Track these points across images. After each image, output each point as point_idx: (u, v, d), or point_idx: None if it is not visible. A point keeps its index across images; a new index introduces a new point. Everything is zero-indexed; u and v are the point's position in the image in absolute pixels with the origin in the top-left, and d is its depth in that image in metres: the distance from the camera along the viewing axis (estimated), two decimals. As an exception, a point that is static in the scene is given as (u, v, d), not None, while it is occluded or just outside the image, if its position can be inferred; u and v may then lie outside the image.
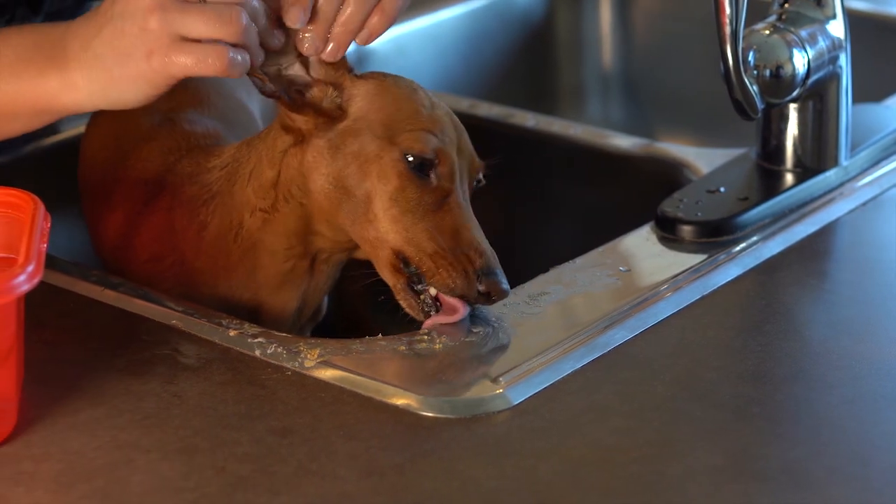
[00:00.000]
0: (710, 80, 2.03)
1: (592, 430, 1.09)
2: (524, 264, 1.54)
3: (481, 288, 1.17)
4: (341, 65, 1.22)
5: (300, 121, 1.22)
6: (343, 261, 1.30)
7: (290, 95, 1.21)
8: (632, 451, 1.07)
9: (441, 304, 1.20)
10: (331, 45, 1.21)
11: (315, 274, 1.30)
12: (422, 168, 1.19)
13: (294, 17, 1.18)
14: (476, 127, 1.66)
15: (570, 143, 1.63)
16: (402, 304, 1.21)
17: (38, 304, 1.16)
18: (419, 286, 1.20)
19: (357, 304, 1.61)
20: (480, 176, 1.25)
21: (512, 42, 2.07)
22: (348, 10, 1.19)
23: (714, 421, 1.10)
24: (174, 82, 1.17)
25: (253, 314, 1.29)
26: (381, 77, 1.24)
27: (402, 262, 1.20)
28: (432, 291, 1.19)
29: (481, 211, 1.31)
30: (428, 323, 1.20)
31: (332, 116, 1.21)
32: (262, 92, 1.21)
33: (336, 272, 1.32)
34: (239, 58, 1.15)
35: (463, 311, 1.19)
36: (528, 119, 1.66)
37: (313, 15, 1.19)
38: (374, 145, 1.20)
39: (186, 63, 1.15)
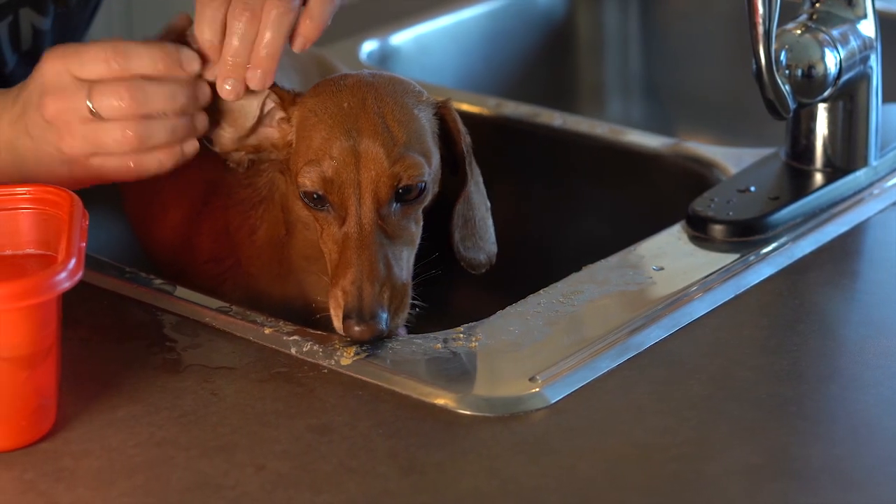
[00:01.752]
0: (730, 80, 2.05)
1: (630, 429, 1.09)
2: (553, 263, 1.54)
3: (349, 336, 1.17)
4: (283, 91, 1.24)
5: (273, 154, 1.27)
6: None
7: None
8: (670, 449, 1.07)
9: None
10: (257, 72, 1.21)
11: None
12: (316, 201, 1.19)
13: (187, 66, 1.21)
14: (502, 126, 1.67)
15: (597, 142, 1.63)
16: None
17: (72, 301, 1.16)
18: None
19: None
20: (406, 190, 1.19)
21: (533, 41, 2.07)
22: (267, 36, 1.19)
23: (751, 420, 1.10)
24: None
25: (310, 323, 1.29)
26: (313, 98, 1.22)
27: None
28: None
29: (509, 211, 1.31)
30: None
31: (283, 148, 1.24)
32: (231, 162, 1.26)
33: None
34: (152, 161, 1.21)
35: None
36: (556, 118, 1.66)
37: (223, 57, 1.20)
38: (290, 181, 1.24)
39: (107, 175, 1.23)
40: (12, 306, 1.03)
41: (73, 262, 1.05)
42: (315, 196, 1.19)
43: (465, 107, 1.67)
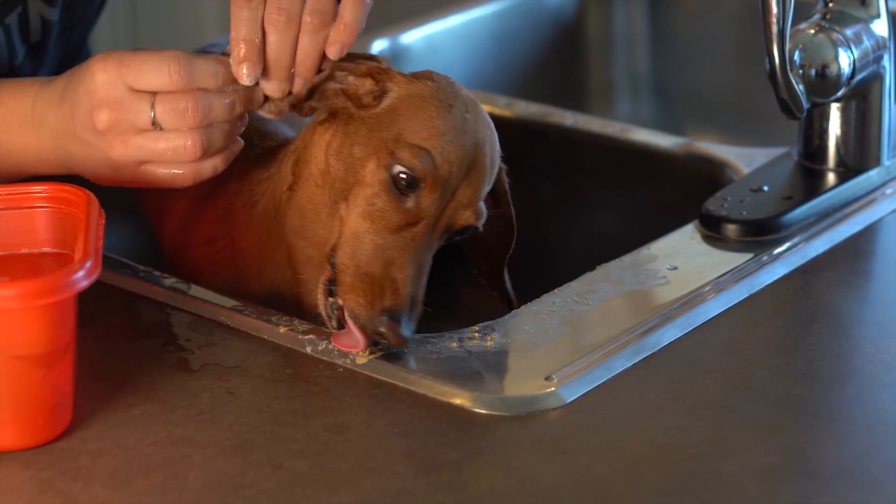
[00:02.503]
0: (738, 80, 2.05)
1: (646, 429, 1.09)
2: (564, 262, 1.54)
3: (380, 329, 1.15)
4: (385, 62, 1.22)
5: (339, 99, 1.22)
6: None
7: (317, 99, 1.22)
8: (687, 449, 1.07)
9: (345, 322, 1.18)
10: (297, 80, 1.21)
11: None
12: (407, 184, 1.17)
13: (245, 75, 1.19)
14: (513, 125, 1.68)
15: (609, 141, 1.63)
16: (315, 299, 1.19)
17: (86, 300, 1.16)
18: (334, 289, 1.18)
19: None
20: (463, 229, 1.21)
21: (542, 40, 2.07)
22: (304, 44, 1.19)
23: (768, 419, 1.10)
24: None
25: (295, 303, 1.29)
26: (427, 83, 1.21)
27: (330, 260, 1.19)
28: (340, 302, 1.17)
29: (519, 210, 1.31)
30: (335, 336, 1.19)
31: (361, 104, 1.21)
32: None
33: None
34: (209, 167, 1.20)
35: (361, 346, 1.16)
36: (567, 117, 1.66)
37: (267, 64, 1.19)
38: (379, 143, 1.18)
39: (157, 181, 1.21)
40: (30, 305, 1.03)
41: (90, 261, 1.05)
42: (411, 179, 1.17)
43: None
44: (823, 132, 1.45)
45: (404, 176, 1.17)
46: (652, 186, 1.61)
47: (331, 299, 1.17)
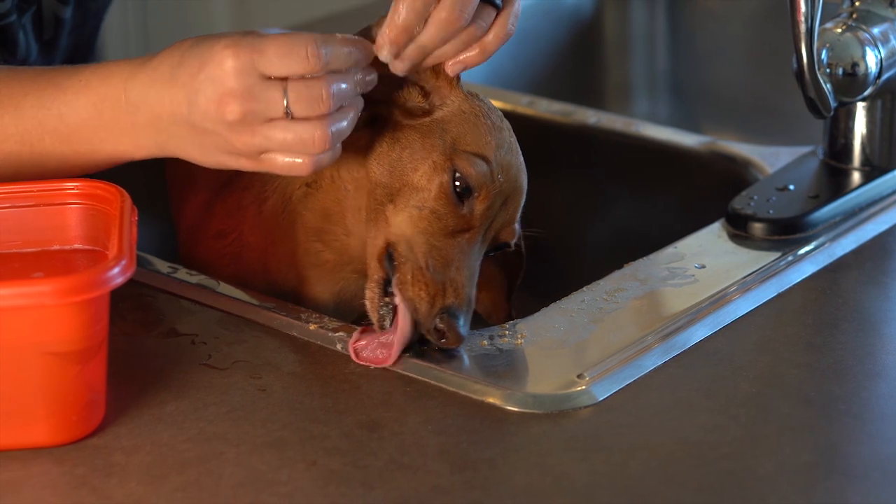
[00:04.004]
0: (756, 78, 2.05)
1: (680, 427, 1.09)
2: (587, 261, 1.54)
3: (439, 324, 1.14)
4: (444, 75, 1.21)
5: (382, 107, 1.22)
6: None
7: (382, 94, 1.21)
8: (721, 447, 1.07)
9: (395, 322, 1.17)
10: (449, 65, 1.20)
11: (346, 280, 1.28)
12: (462, 192, 1.18)
13: (386, 55, 1.17)
14: (535, 124, 1.67)
15: (632, 140, 1.63)
16: (366, 295, 1.18)
17: (115, 296, 1.16)
18: (389, 289, 1.18)
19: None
20: (510, 243, 1.23)
21: (560, 39, 2.07)
22: (446, 47, 1.17)
23: (801, 418, 1.10)
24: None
25: (297, 301, 1.29)
26: (478, 100, 1.23)
27: (387, 257, 1.18)
28: (396, 301, 1.16)
29: (540, 209, 1.31)
30: (354, 346, 1.18)
31: (414, 114, 1.21)
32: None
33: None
34: (327, 158, 1.15)
35: (395, 351, 1.16)
36: (589, 116, 1.66)
37: (418, 39, 1.16)
38: (434, 149, 1.19)
39: (276, 169, 1.16)
40: (66, 301, 1.03)
41: (125, 258, 1.06)
42: (467, 186, 1.18)
43: (497, 104, 1.66)
44: (849, 131, 1.45)
45: (461, 183, 1.18)
46: (675, 185, 1.61)
47: (385, 299, 1.17)
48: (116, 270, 1.04)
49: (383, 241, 1.18)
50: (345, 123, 1.15)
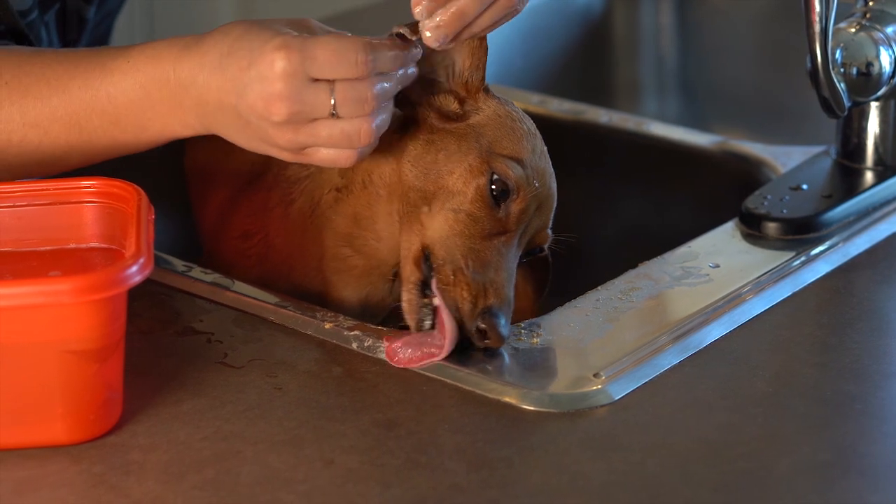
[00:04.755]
0: (765, 77, 2.05)
1: (696, 426, 1.10)
2: (599, 261, 1.54)
3: (481, 324, 1.14)
4: (479, 82, 1.22)
5: (417, 110, 1.22)
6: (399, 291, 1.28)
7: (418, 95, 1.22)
8: (738, 446, 1.07)
9: (436, 323, 1.17)
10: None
11: (373, 284, 1.28)
12: (499, 194, 1.18)
13: (433, 39, 1.16)
14: (546, 122, 1.67)
15: (643, 139, 1.63)
16: (403, 300, 1.18)
17: (131, 295, 1.16)
18: (428, 291, 1.18)
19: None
20: (544, 247, 1.24)
21: (571, 38, 2.07)
22: (483, 18, 1.16)
23: (817, 417, 1.11)
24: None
25: (322, 304, 1.29)
26: (512, 106, 1.24)
27: (424, 259, 1.18)
28: (436, 302, 1.16)
29: (556, 208, 1.31)
30: (391, 348, 1.18)
31: (448, 119, 1.22)
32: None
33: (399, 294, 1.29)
34: (368, 150, 1.16)
35: (445, 349, 1.15)
36: (601, 115, 1.66)
37: (453, 14, 1.15)
38: (470, 152, 1.19)
39: (317, 162, 1.17)
40: (84, 299, 1.03)
41: (143, 256, 1.06)
42: (504, 188, 1.18)
43: (509, 103, 1.67)
44: (862, 131, 1.45)
45: (498, 185, 1.18)
46: (686, 184, 1.61)
47: (423, 300, 1.17)
48: (134, 269, 1.05)
49: (420, 244, 1.18)
50: (385, 116, 1.16)
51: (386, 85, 1.15)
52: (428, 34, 1.15)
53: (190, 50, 1.17)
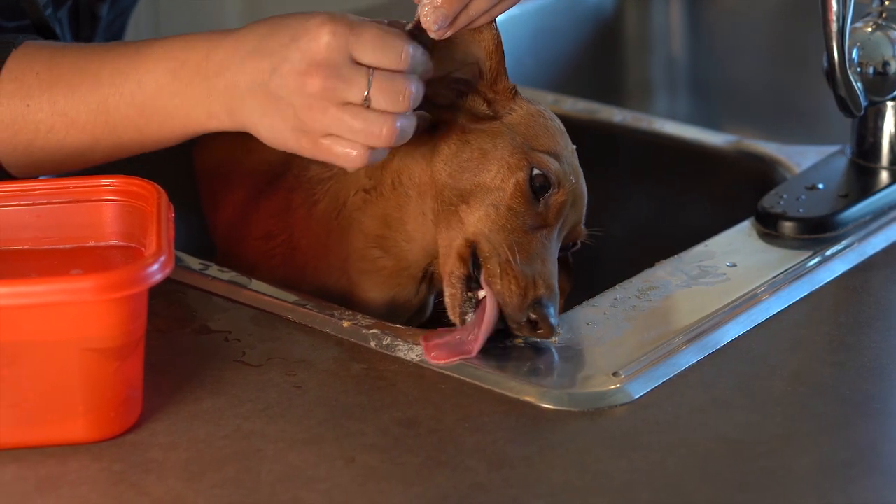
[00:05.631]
0: (776, 76, 2.05)
1: (717, 425, 1.10)
2: (613, 260, 1.54)
3: (532, 315, 1.15)
4: (506, 84, 1.23)
5: (447, 112, 1.22)
6: (429, 287, 1.29)
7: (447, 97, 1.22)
8: (758, 445, 1.07)
9: (477, 314, 1.17)
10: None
11: (402, 285, 1.28)
12: (538, 189, 1.19)
13: (434, 24, 1.15)
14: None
15: (657, 138, 1.63)
16: (446, 295, 1.18)
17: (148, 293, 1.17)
18: (473, 285, 1.17)
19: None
20: (578, 242, 1.25)
21: (581, 37, 2.07)
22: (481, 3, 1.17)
23: (837, 416, 1.11)
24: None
25: (346, 304, 1.29)
26: (541, 106, 1.25)
27: (470, 253, 1.18)
28: (480, 295, 1.17)
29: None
30: (429, 345, 1.18)
31: (479, 119, 1.22)
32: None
33: (427, 293, 1.30)
34: (380, 155, 1.16)
35: (481, 341, 1.15)
36: (615, 114, 1.66)
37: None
38: (507, 148, 1.20)
39: (330, 156, 1.16)
40: (105, 297, 1.03)
41: (164, 255, 1.06)
42: (544, 182, 1.19)
43: (522, 102, 1.67)
44: (878, 130, 1.45)
45: (538, 179, 1.19)
46: (701, 183, 1.61)
47: (468, 294, 1.17)
48: (156, 267, 1.05)
49: (462, 240, 1.18)
50: (409, 123, 1.15)
51: (419, 86, 1.15)
52: (427, 17, 1.14)
53: (225, 38, 1.18)
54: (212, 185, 1.42)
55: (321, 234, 1.29)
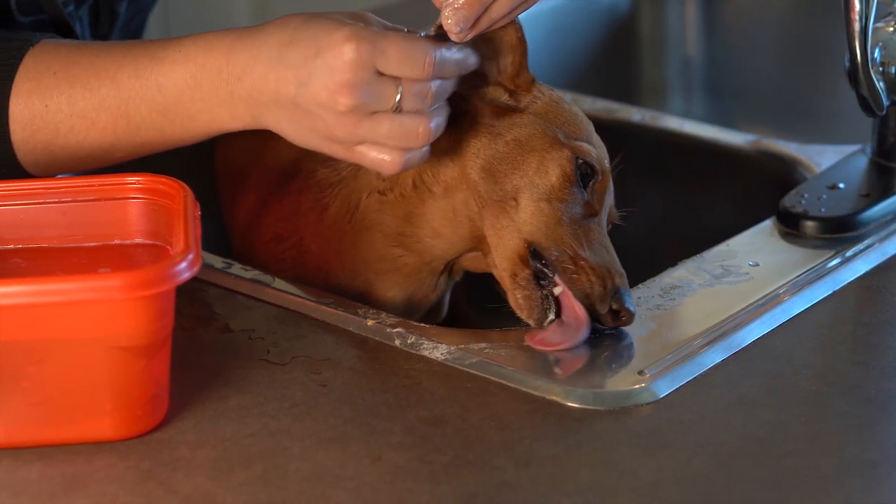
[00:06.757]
0: (791, 75, 2.05)
1: (743, 424, 1.10)
2: (632, 259, 1.54)
3: (614, 306, 1.16)
4: (527, 76, 1.23)
5: (466, 102, 1.22)
6: (447, 280, 1.30)
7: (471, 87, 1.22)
8: (785, 444, 1.07)
9: (560, 310, 1.17)
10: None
11: (422, 281, 1.28)
12: (584, 176, 1.20)
13: (456, 28, 1.15)
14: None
15: (676, 138, 1.63)
16: (518, 297, 1.18)
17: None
18: (543, 283, 1.18)
19: (457, 299, 1.61)
20: (614, 224, 1.26)
21: (597, 37, 2.07)
22: (501, 3, 1.16)
23: (862, 416, 1.11)
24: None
25: (362, 303, 1.29)
26: (557, 91, 1.26)
27: (531, 254, 1.18)
28: (556, 291, 1.17)
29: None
30: (535, 342, 1.18)
31: (504, 109, 1.22)
32: None
33: (445, 286, 1.30)
34: (416, 158, 1.16)
35: (583, 331, 1.16)
36: (634, 114, 1.66)
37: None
38: (543, 140, 1.20)
39: (364, 162, 1.16)
40: (134, 296, 1.03)
41: (192, 253, 1.06)
42: (588, 171, 1.20)
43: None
44: (899, 130, 1.45)
45: (583, 168, 1.20)
46: (720, 183, 1.61)
47: (542, 291, 1.17)
48: (184, 265, 1.05)
49: (519, 239, 1.18)
50: (442, 120, 1.16)
51: (446, 84, 1.15)
52: (449, 20, 1.14)
53: (244, 40, 1.16)
54: (229, 186, 1.42)
55: (333, 239, 1.29)
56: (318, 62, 1.13)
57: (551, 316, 1.17)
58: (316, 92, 1.13)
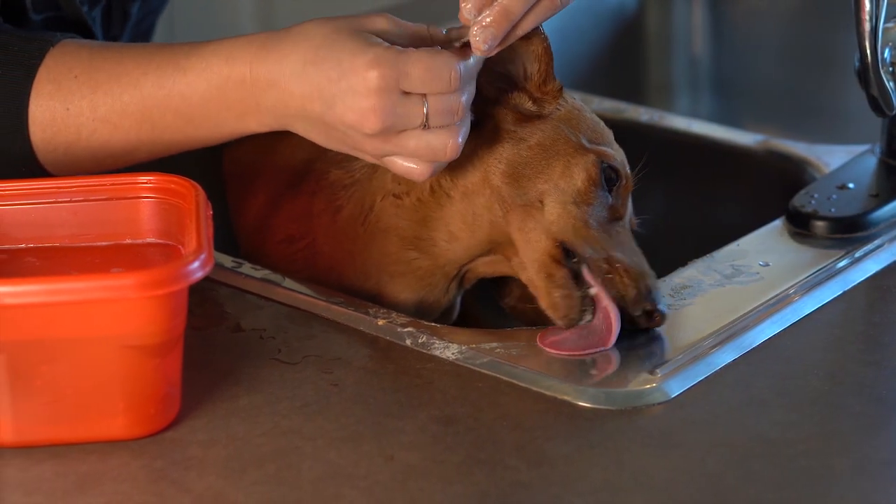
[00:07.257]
0: (798, 75, 2.05)
1: (755, 424, 1.10)
2: (648, 259, 1.54)
3: (648, 307, 1.17)
4: (554, 85, 1.24)
5: (490, 107, 1.22)
6: (458, 286, 1.29)
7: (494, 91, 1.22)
8: (797, 444, 1.07)
9: (595, 311, 1.18)
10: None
11: (434, 284, 1.28)
12: (609, 181, 1.21)
13: (482, 42, 1.15)
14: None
15: (685, 138, 1.63)
16: (556, 296, 1.17)
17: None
18: (579, 282, 1.18)
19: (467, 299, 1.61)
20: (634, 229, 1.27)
21: (603, 36, 2.07)
22: (530, 19, 1.18)
23: (875, 416, 1.11)
24: None
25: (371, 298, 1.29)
26: (576, 98, 1.27)
27: (563, 254, 1.18)
28: (592, 292, 1.17)
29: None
30: (547, 344, 1.18)
31: (529, 115, 1.22)
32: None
33: (456, 291, 1.30)
34: (444, 164, 1.17)
35: (610, 340, 1.17)
36: (642, 113, 1.67)
37: (500, 12, 1.15)
38: (568, 145, 1.21)
39: (393, 169, 1.17)
40: (147, 295, 1.03)
41: (204, 252, 1.06)
42: (612, 176, 1.21)
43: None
44: (908, 130, 1.45)
45: (608, 173, 1.21)
46: (729, 183, 1.61)
47: (577, 293, 1.17)
48: (197, 264, 1.05)
49: (549, 239, 1.18)
50: (466, 129, 1.16)
51: (472, 88, 1.16)
52: (477, 37, 1.14)
53: (267, 50, 1.16)
54: (238, 187, 1.42)
55: (346, 241, 1.29)
56: (343, 85, 1.13)
57: (588, 317, 1.17)
58: (342, 113, 1.14)
